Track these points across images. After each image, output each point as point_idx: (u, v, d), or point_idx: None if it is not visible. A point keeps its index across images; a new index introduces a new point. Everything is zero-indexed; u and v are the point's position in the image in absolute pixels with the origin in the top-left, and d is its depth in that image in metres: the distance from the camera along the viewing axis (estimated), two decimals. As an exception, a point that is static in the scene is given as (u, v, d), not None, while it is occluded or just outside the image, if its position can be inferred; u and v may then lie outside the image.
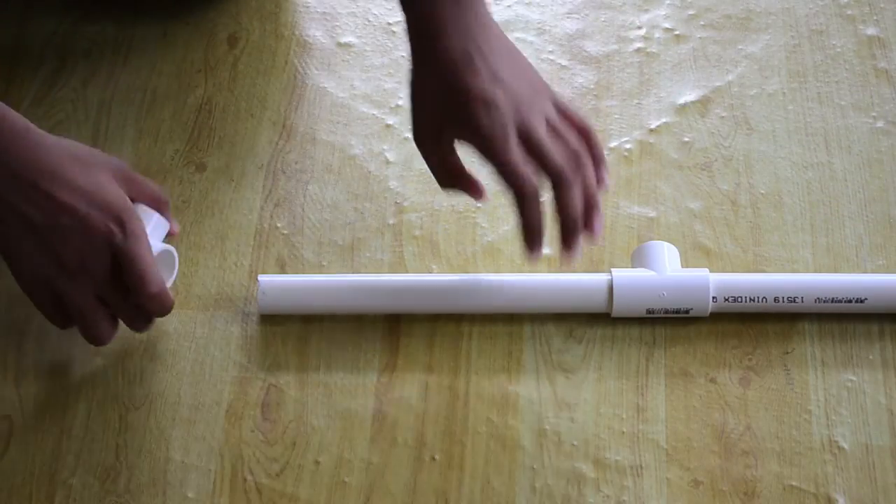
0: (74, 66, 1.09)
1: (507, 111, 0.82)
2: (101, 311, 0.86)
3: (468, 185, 0.88)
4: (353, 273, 0.97)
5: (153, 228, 0.89)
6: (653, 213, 1.01)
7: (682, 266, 0.95)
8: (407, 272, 0.97)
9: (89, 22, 1.12)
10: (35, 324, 0.93)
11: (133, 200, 0.87)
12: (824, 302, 0.92)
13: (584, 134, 0.87)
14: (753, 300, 0.92)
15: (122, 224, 0.83)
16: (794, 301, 0.92)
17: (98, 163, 0.85)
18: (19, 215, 0.82)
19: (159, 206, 0.90)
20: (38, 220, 0.82)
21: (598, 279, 0.92)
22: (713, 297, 0.92)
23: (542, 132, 0.83)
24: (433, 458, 0.88)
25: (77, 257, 0.82)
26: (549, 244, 0.99)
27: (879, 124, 1.06)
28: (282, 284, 0.94)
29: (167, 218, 0.91)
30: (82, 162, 0.84)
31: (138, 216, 0.85)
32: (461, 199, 1.00)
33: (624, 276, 0.92)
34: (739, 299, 0.92)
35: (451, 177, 0.87)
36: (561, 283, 0.93)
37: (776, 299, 0.92)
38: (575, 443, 0.88)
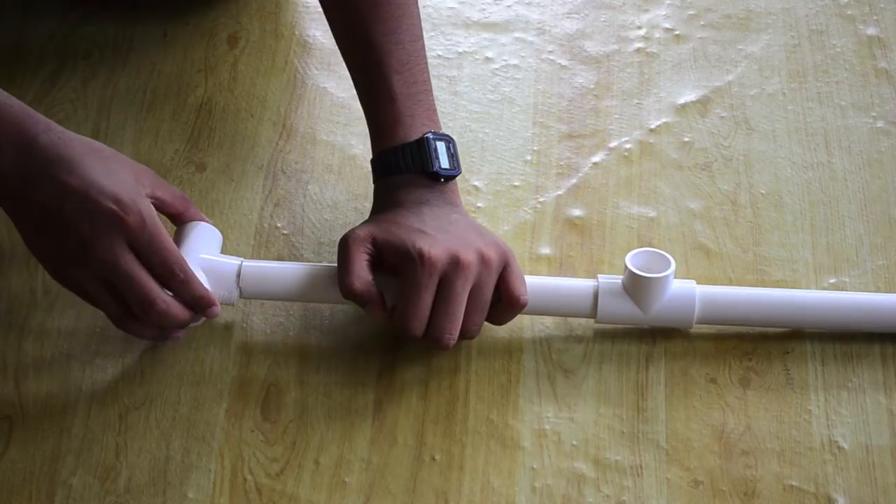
0: (74, 66, 1.09)
1: (441, 253, 0.86)
2: (109, 297, 0.85)
3: (371, 297, 0.88)
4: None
5: (210, 239, 0.91)
6: (653, 213, 1.01)
7: (682, 267, 0.96)
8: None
9: (89, 22, 1.12)
10: (35, 324, 0.94)
11: (158, 200, 0.87)
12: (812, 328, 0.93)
13: (509, 304, 0.88)
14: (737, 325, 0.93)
15: (133, 212, 0.83)
16: (780, 327, 0.92)
17: (118, 158, 0.86)
18: (36, 205, 0.83)
19: (184, 204, 0.91)
20: (49, 208, 0.82)
21: (583, 295, 0.91)
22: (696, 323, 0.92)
23: (457, 292, 0.86)
24: (433, 458, 0.88)
25: (81, 243, 0.82)
26: (548, 244, 0.99)
27: (879, 124, 1.06)
28: (262, 270, 0.92)
29: (199, 217, 0.92)
30: (101, 155, 0.85)
31: (149, 204, 0.85)
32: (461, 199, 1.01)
33: (608, 313, 0.91)
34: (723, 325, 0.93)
35: (361, 280, 0.88)
36: (549, 288, 0.92)
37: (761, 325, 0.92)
38: (575, 443, 0.88)
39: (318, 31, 1.12)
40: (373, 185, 0.93)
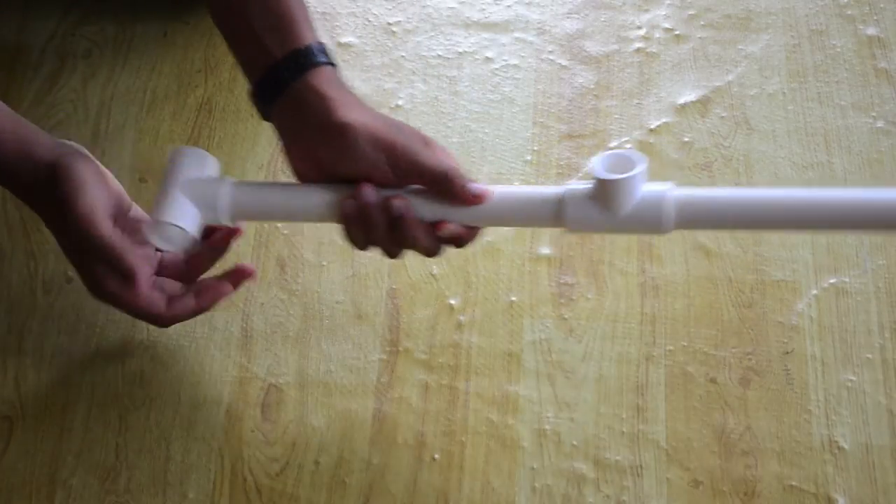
0: (74, 66, 1.09)
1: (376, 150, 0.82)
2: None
3: None
4: (351, 268, 0.97)
5: (196, 163, 0.86)
6: (653, 213, 1.01)
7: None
8: (407, 270, 0.97)
9: (89, 22, 1.12)
10: (35, 324, 0.94)
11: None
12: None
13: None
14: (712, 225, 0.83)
15: (86, 278, 0.84)
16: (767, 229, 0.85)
17: (71, 216, 0.82)
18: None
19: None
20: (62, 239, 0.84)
21: (550, 202, 0.83)
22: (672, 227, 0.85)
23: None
24: (433, 458, 0.88)
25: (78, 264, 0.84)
26: (548, 244, 0.99)
27: (879, 124, 1.06)
28: (250, 189, 0.87)
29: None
30: (56, 215, 0.83)
31: (98, 263, 0.83)
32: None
33: (575, 219, 0.83)
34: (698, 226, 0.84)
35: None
36: (515, 196, 0.84)
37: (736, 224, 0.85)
38: (575, 443, 0.88)
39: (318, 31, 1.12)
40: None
